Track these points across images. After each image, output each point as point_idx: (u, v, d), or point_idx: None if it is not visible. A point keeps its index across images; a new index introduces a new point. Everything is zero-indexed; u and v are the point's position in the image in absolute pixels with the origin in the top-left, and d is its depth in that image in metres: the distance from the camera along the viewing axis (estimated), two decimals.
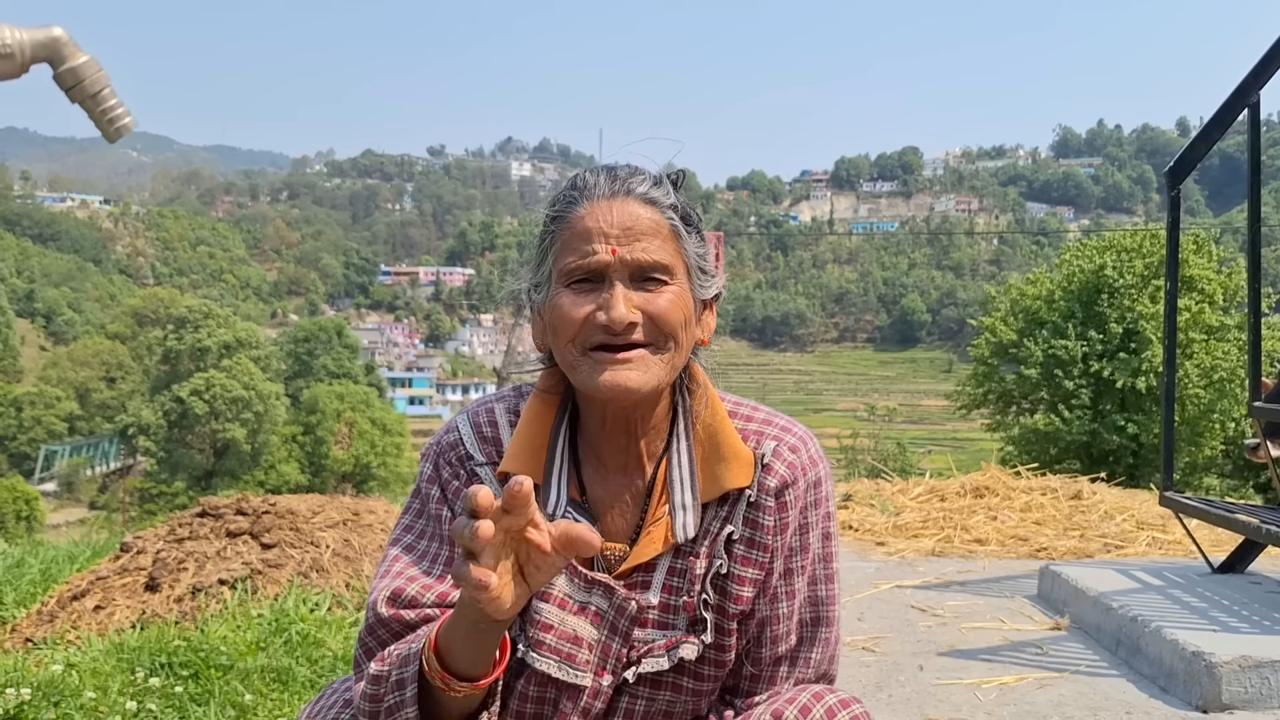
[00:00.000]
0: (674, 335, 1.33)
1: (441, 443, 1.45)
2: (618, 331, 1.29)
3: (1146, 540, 5.39)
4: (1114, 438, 23.12)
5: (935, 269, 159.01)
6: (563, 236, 1.34)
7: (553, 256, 1.35)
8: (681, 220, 1.36)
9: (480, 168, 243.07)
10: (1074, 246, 27.30)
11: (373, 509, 5.58)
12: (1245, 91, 3.77)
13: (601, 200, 1.33)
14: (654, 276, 1.32)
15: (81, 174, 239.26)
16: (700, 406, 1.42)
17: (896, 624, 3.86)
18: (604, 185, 1.35)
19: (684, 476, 1.39)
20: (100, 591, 4.50)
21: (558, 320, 1.33)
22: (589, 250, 1.31)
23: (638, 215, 1.32)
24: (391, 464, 51.43)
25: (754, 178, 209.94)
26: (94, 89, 1.27)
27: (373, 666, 1.28)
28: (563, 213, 1.35)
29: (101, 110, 1.27)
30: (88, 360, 67.61)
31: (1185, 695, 2.82)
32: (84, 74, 1.26)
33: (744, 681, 1.44)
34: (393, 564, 1.40)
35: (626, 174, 1.36)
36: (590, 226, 1.31)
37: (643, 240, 1.31)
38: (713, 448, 1.40)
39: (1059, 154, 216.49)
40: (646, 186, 1.35)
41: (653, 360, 1.32)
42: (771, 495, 1.39)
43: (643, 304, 1.31)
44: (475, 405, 1.49)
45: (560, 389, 1.44)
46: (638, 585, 1.39)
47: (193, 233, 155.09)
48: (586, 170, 1.39)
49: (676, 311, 1.32)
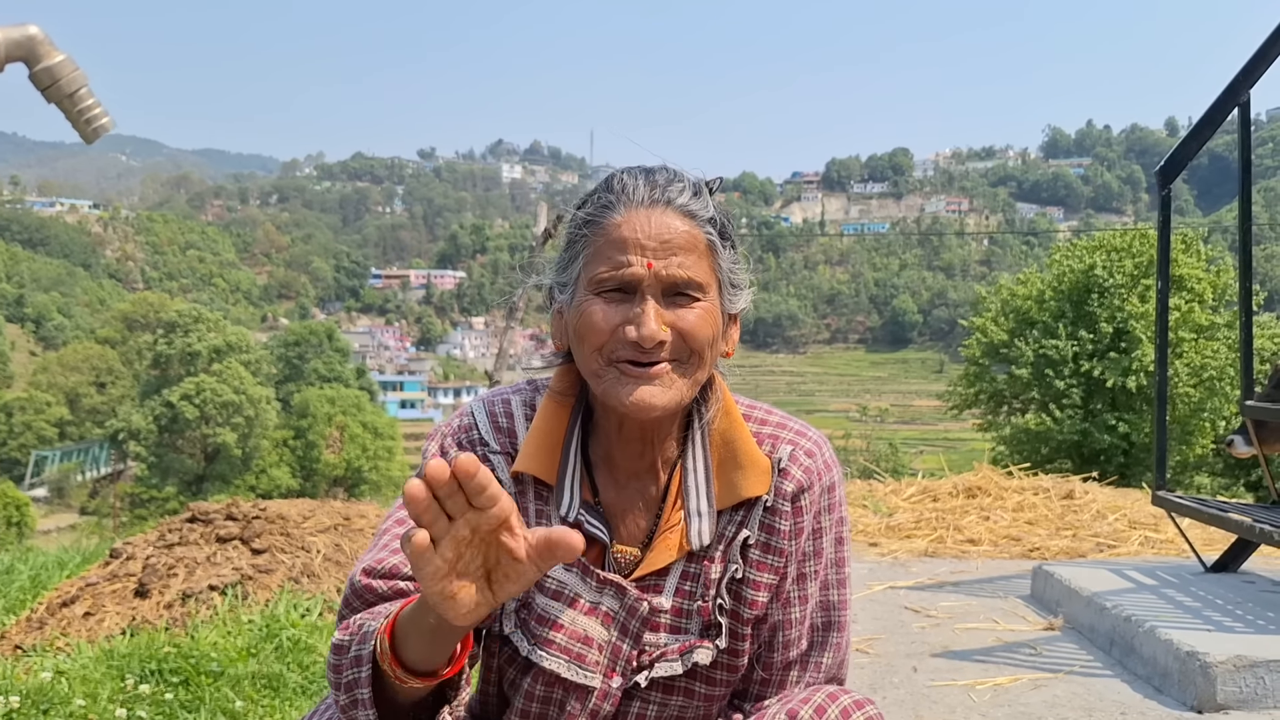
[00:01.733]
0: (701, 352, 1.30)
1: (454, 424, 1.43)
2: (646, 349, 1.27)
3: (1139, 540, 5.39)
4: (1105, 437, 23.19)
5: (926, 270, 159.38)
6: (595, 242, 1.31)
7: (583, 260, 1.32)
8: (719, 234, 1.33)
9: (471, 170, 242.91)
10: (1064, 246, 27.38)
11: (364, 513, 5.56)
12: (1235, 91, 3.77)
13: (639, 209, 1.29)
14: (686, 293, 1.29)
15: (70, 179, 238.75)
16: (716, 414, 1.41)
17: (890, 625, 3.86)
18: (643, 192, 1.30)
19: (699, 483, 1.37)
20: (90, 598, 4.47)
21: (585, 328, 1.30)
22: (623, 262, 1.27)
23: (675, 228, 1.29)
24: (383, 468, 51.28)
25: (745, 179, 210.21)
26: (70, 89, 1.24)
27: (337, 634, 1.27)
28: (597, 217, 1.31)
29: (78, 110, 1.25)
30: (78, 365, 67.38)
31: (1180, 695, 2.82)
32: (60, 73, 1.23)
33: (754, 686, 1.43)
34: (381, 537, 1.39)
35: (665, 181, 1.32)
36: (626, 236, 1.28)
37: (679, 255, 1.28)
38: (729, 455, 1.38)
39: (1048, 154, 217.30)
40: (686, 197, 1.31)
41: (677, 378, 1.29)
42: (787, 500, 1.38)
43: (673, 320, 1.28)
44: (491, 394, 1.47)
45: (575, 391, 1.41)
46: (650, 589, 1.37)
47: (182, 237, 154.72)
48: (624, 171, 1.34)
49: (706, 329, 1.30)
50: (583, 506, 1.36)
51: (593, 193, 1.36)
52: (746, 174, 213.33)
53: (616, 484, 1.41)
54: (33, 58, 1.23)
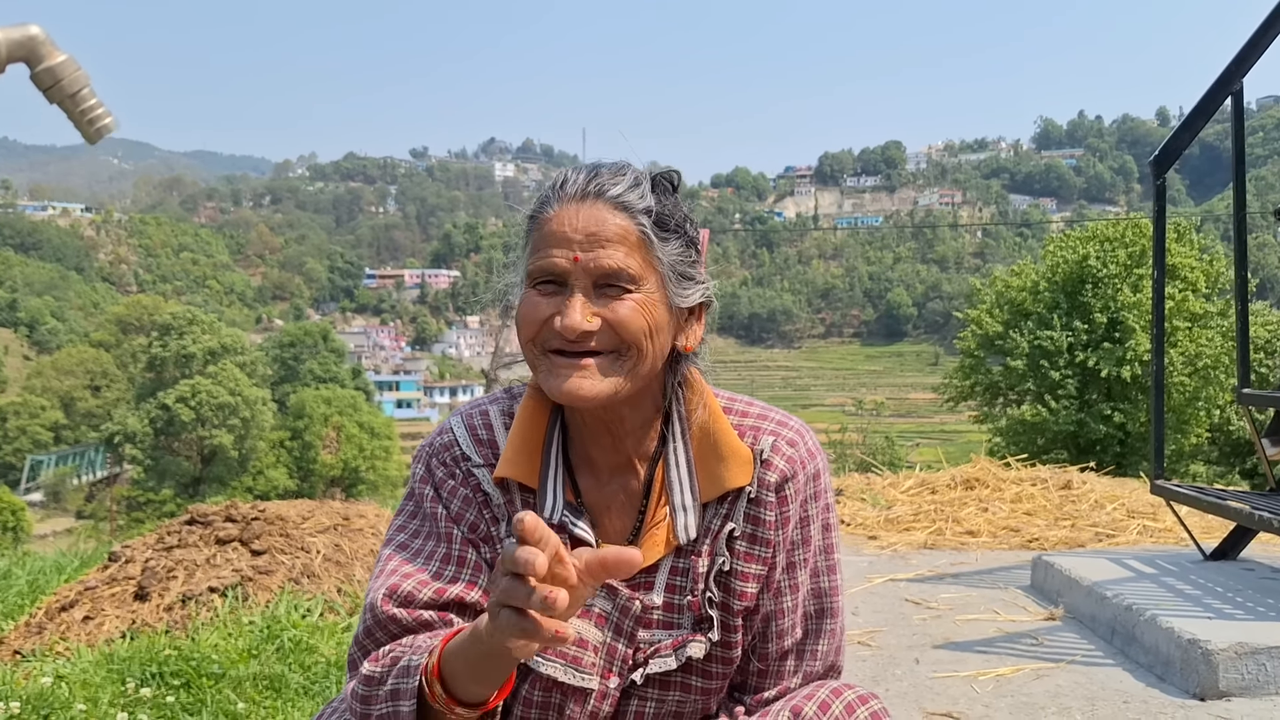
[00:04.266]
0: (635, 343, 1.30)
1: (435, 444, 1.43)
2: (571, 339, 1.28)
3: (1137, 529, 5.40)
4: (1100, 427, 23.23)
5: (920, 263, 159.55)
6: (534, 238, 1.33)
7: (525, 256, 1.35)
8: (656, 225, 1.32)
9: (464, 169, 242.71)
10: (1058, 237, 27.43)
11: (363, 513, 5.55)
12: (1228, 79, 3.77)
13: (571, 203, 1.31)
14: (616, 284, 1.29)
15: (62, 182, 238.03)
16: (694, 408, 1.41)
17: (891, 618, 3.86)
18: (579, 185, 1.32)
19: (682, 477, 1.38)
20: (89, 602, 4.46)
21: (520, 319, 1.33)
22: (551, 254, 1.29)
23: (604, 220, 1.29)
24: (380, 468, 51.27)
25: (738, 175, 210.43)
26: (72, 89, 1.23)
27: (366, 666, 1.26)
28: (538, 211, 1.34)
29: (81, 111, 1.24)
30: (72, 369, 67.25)
31: (1182, 683, 2.82)
32: (62, 73, 1.23)
33: (751, 678, 1.43)
34: (388, 563, 1.38)
35: (608, 174, 1.33)
36: (555, 230, 1.30)
37: (607, 247, 1.28)
38: (710, 447, 1.39)
39: (1041, 146, 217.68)
40: (621, 189, 1.31)
41: (609, 368, 1.29)
42: (772, 490, 1.38)
43: (603, 311, 1.29)
44: (468, 407, 1.48)
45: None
46: (640, 586, 1.38)
47: (175, 239, 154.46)
48: (572, 168, 1.36)
49: (638, 320, 1.29)
50: (566, 507, 1.37)
51: (542, 189, 1.38)
52: (739, 169, 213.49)
53: (598, 482, 1.41)
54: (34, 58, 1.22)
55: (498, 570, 1.05)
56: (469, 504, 1.39)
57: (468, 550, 1.37)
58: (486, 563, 1.38)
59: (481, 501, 1.39)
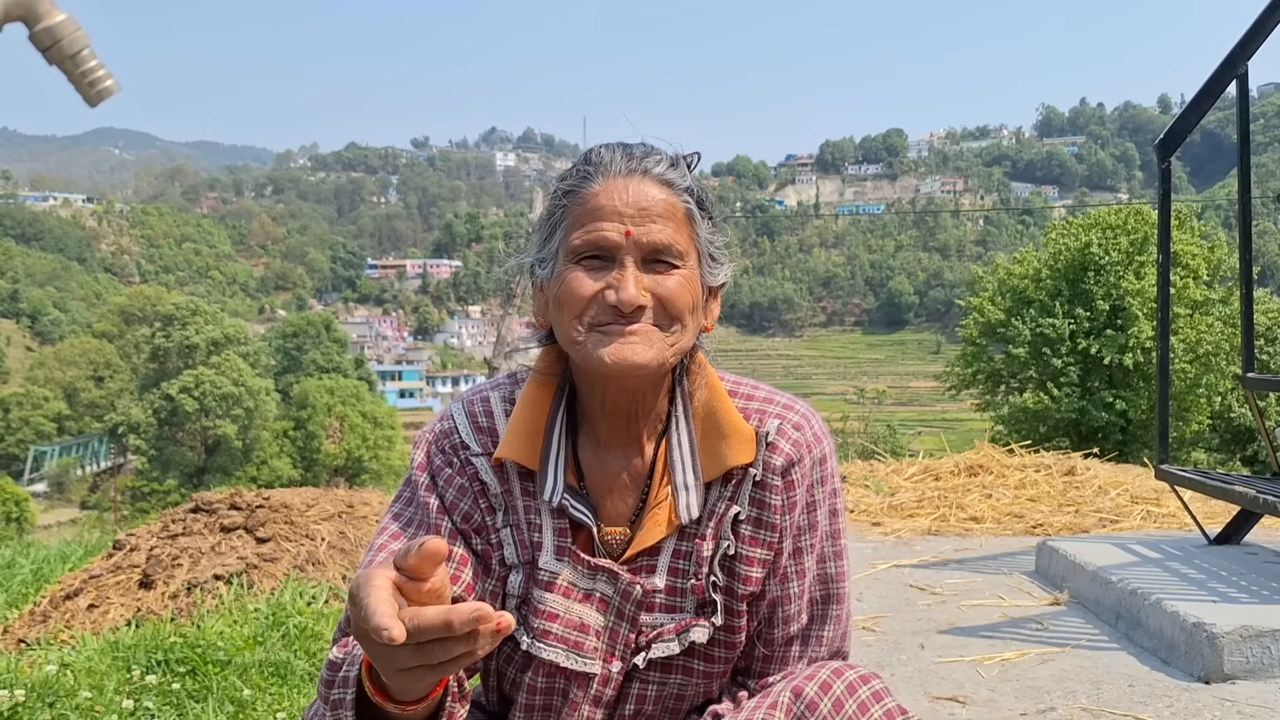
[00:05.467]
0: (681, 319, 1.30)
1: (435, 430, 1.43)
2: (626, 313, 1.27)
3: (1141, 514, 5.40)
4: (1102, 415, 23.23)
5: (922, 251, 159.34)
6: (574, 213, 1.31)
7: (562, 231, 1.33)
8: (696, 204, 1.34)
9: (465, 159, 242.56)
10: (1060, 225, 27.38)
11: (367, 501, 5.56)
12: (1233, 62, 3.75)
13: (617, 178, 1.30)
14: (665, 259, 1.30)
15: (63, 172, 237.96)
16: (698, 387, 1.40)
17: (896, 603, 3.86)
18: (620, 163, 1.31)
19: (684, 456, 1.37)
20: (94, 590, 4.47)
21: (565, 295, 1.30)
22: (601, 228, 1.28)
23: (653, 196, 1.30)
24: (384, 457, 51.27)
25: (739, 163, 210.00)
26: (72, 49, 1.19)
27: (334, 652, 1.25)
28: (576, 188, 1.32)
29: (81, 72, 1.20)
30: (75, 360, 67.29)
31: (1187, 667, 2.82)
32: (61, 33, 1.19)
33: (756, 663, 1.42)
34: (377, 553, 1.37)
35: (643, 153, 1.33)
36: (604, 204, 1.29)
37: (657, 222, 1.29)
38: (712, 425, 1.38)
39: (1042, 133, 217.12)
40: (663, 167, 1.32)
41: (658, 337, 1.29)
42: (778, 474, 1.36)
43: (652, 286, 1.28)
44: (470, 394, 1.46)
45: (558, 370, 1.41)
46: (642, 569, 1.37)
47: (177, 230, 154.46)
48: (602, 146, 1.36)
49: (686, 295, 1.30)
50: (567, 490, 1.36)
51: (572, 167, 1.36)
52: (740, 158, 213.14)
53: (601, 464, 1.40)
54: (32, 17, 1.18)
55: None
56: (464, 493, 1.38)
57: (455, 542, 1.35)
58: (476, 554, 1.37)
59: (478, 491, 1.38)
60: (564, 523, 1.36)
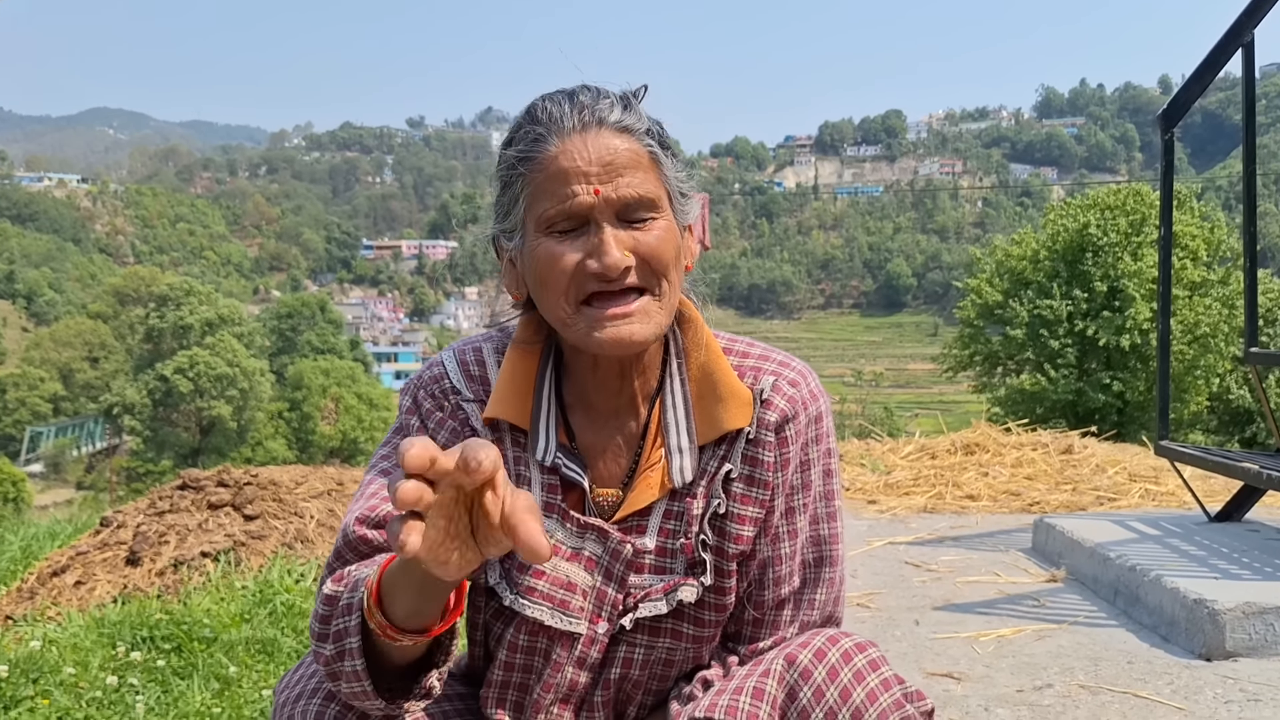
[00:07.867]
0: (666, 274, 1.24)
1: (423, 376, 1.38)
2: (613, 279, 1.20)
3: (1139, 492, 5.36)
4: (1100, 396, 23.24)
5: (920, 233, 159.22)
6: (534, 180, 1.23)
7: (525, 201, 1.25)
8: (659, 144, 1.26)
9: (460, 139, 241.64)
10: (1058, 206, 27.32)
11: (357, 479, 5.50)
12: (1239, 31, 3.68)
13: (573, 135, 1.21)
14: (639, 212, 1.22)
15: (57, 153, 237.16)
16: (693, 343, 1.34)
17: (891, 580, 3.82)
18: (571, 116, 1.22)
19: (679, 418, 1.32)
20: (80, 567, 4.42)
21: (544, 272, 1.23)
22: (568, 194, 1.20)
23: (616, 147, 1.21)
24: (379, 439, 51.26)
25: (738, 144, 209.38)
26: None
27: (329, 586, 1.21)
28: (530, 152, 1.23)
29: None
30: (70, 340, 67.13)
31: (1187, 644, 2.78)
32: None
33: (746, 627, 1.37)
34: (367, 488, 1.33)
35: (591, 100, 1.24)
36: (566, 166, 1.20)
37: (625, 174, 1.21)
38: (709, 387, 1.32)
39: (1042, 114, 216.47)
40: (619, 112, 1.23)
41: (653, 307, 1.23)
42: (771, 430, 1.31)
43: (633, 244, 1.21)
44: (461, 343, 1.41)
45: (540, 338, 1.35)
46: (633, 530, 1.32)
47: (172, 210, 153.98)
48: (545, 99, 1.26)
49: (668, 247, 1.24)
50: (559, 450, 1.31)
51: (517, 127, 1.27)
52: (739, 139, 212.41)
53: (593, 424, 1.35)
54: None
55: None
56: (456, 436, 1.33)
57: None
58: None
59: (470, 436, 1.33)
60: (554, 479, 1.32)
